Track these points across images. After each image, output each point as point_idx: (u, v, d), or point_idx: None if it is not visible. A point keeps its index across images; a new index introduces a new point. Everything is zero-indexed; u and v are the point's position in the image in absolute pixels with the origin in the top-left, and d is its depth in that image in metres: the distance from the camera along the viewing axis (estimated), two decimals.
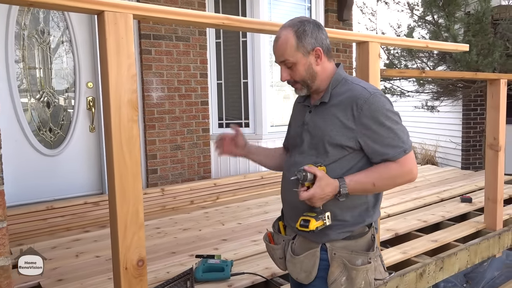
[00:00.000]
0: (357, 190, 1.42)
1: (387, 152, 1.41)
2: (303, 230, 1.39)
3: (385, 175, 1.42)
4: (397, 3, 6.66)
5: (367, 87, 1.46)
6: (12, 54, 3.76)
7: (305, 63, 1.45)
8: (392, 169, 1.42)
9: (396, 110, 1.47)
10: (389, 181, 1.44)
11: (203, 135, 4.74)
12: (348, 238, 1.48)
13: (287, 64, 1.46)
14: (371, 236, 1.53)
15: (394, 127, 1.42)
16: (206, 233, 3.19)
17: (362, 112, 1.40)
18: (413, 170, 1.44)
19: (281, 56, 1.46)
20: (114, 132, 1.40)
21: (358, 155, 1.46)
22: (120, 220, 1.43)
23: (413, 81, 6.96)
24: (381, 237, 3.00)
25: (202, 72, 4.69)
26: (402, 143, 1.42)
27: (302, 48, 1.43)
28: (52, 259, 2.73)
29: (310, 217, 1.41)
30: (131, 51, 1.41)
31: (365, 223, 1.50)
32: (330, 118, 1.45)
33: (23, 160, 3.80)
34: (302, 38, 1.43)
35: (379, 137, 1.41)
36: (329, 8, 5.70)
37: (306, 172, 1.37)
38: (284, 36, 1.44)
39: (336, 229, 1.46)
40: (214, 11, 4.74)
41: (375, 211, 1.54)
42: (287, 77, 1.49)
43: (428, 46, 2.39)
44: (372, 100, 1.41)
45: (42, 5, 1.30)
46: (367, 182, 1.41)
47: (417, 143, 8.56)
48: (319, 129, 1.48)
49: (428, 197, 4.13)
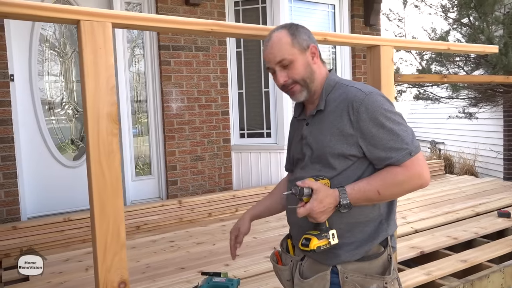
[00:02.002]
0: (360, 200, 1.27)
1: (391, 156, 1.26)
2: (304, 250, 1.27)
3: (390, 180, 1.26)
4: (429, 6, 6.36)
5: (362, 88, 1.33)
6: (35, 68, 3.85)
7: (302, 59, 1.35)
8: (397, 174, 1.26)
9: (397, 110, 1.32)
10: (395, 188, 1.27)
11: (224, 145, 4.67)
12: (362, 260, 1.32)
13: (283, 64, 1.33)
14: (388, 256, 1.36)
15: (395, 128, 1.27)
16: (219, 248, 3.08)
17: (359, 115, 1.27)
18: (422, 174, 1.26)
19: (276, 56, 1.34)
20: (92, 146, 1.32)
21: (363, 163, 1.32)
22: (100, 239, 1.35)
23: (446, 87, 6.61)
24: (405, 255, 2.78)
25: (222, 82, 4.63)
26: (406, 145, 1.26)
27: (298, 44, 1.34)
28: (62, 273, 2.72)
29: (312, 235, 1.28)
30: (110, 62, 1.33)
31: (380, 238, 1.34)
32: (328, 128, 1.33)
33: (45, 172, 3.87)
34: (296, 35, 1.35)
35: (380, 141, 1.26)
36: (355, 14, 5.53)
37: (301, 186, 1.24)
38: (276, 36, 1.35)
39: (348, 249, 1.32)
40: (234, 21, 4.69)
41: (389, 223, 1.38)
42: (285, 78, 1.35)
43: (450, 49, 2.19)
44: (368, 101, 1.27)
45: (16, 16, 1.26)
46: (370, 190, 1.26)
47: (455, 152, 8.11)
48: (318, 141, 1.35)
49: (462, 211, 3.83)
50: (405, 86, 6.88)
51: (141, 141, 4.40)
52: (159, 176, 4.42)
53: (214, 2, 4.53)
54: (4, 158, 3.57)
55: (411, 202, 4.25)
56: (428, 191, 4.75)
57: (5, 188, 3.58)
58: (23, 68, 3.78)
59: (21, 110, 3.76)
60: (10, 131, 3.60)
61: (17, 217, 3.63)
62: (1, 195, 3.57)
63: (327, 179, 1.32)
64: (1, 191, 3.56)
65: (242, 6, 4.74)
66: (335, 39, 1.79)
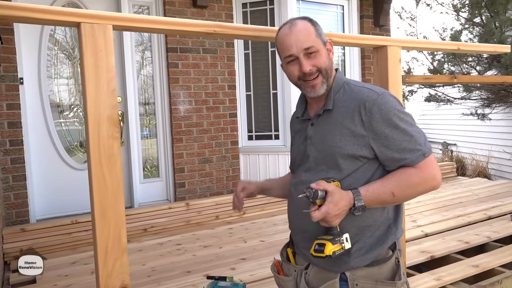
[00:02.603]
0: (374, 202, 1.23)
1: (405, 157, 1.23)
2: (319, 256, 1.21)
3: (405, 182, 1.23)
4: (440, 4, 6.27)
5: (373, 88, 1.31)
6: (44, 71, 3.88)
7: (324, 52, 1.32)
8: (412, 175, 1.23)
9: (407, 111, 1.29)
10: (410, 190, 1.24)
11: (232, 147, 4.65)
12: (371, 265, 1.28)
13: (310, 51, 1.28)
14: (396, 260, 1.32)
15: (409, 129, 1.25)
16: (226, 251, 3.06)
17: (371, 115, 1.24)
18: (436, 176, 1.24)
19: (304, 43, 1.28)
20: (93, 150, 1.31)
21: (373, 164, 1.29)
22: (100, 244, 1.33)
23: (459, 87, 6.50)
24: (414, 260, 2.72)
25: (230, 84, 4.61)
26: (420, 146, 1.24)
27: (320, 36, 1.32)
28: (68, 275, 2.72)
29: (326, 240, 1.22)
30: (111, 64, 1.32)
31: (389, 242, 1.31)
32: (338, 128, 1.29)
33: (54, 174, 3.89)
34: (317, 27, 1.33)
35: (394, 142, 1.24)
36: (364, 14, 5.48)
37: (316, 189, 1.19)
38: (302, 24, 1.31)
39: (357, 254, 1.28)
40: (242, 22, 4.68)
41: (397, 227, 1.35)
42: (310, 67, 1.29)
43: (459, 49, 2.14)
44: (381, 102, 1.25)
45: (16, 19, 1.25)
46: (385, 192, 1.23)
47: (467, 154, 7.98)
48: (327, 141, 1.31)
49: (474, 215, 3.75)
50: (415, 87, 6.80)
51: (149, 144, 4.41)
52: (167, 179, 4.42)
53: (221, 4, 4.52)
54: (13, 161, 3.60)
55: (422, 205, 4.17)
56: (439, 193, 4.67)
57: (15, 190, 3.61)
58: (32, 71, 3.81)
59: (31, 113, 3.79)
60: (20, 133, 3.63)
61: (26, 219, 3.65)
62: (11, 197, 3.60)
63: (337, 181, 1.27)
64: (10, 193, 3.59)
65: (250, 7, 4.73)
66: (340, 39, 1.76)
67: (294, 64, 1.32)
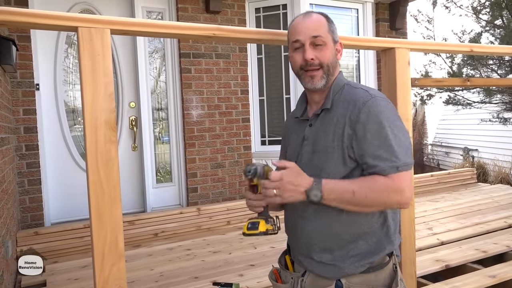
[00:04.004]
0: (332, 193, 1.17)
1: (377, 164, 1.19)
2: (252, 234, 1.26)
3: (369, 185, 1.18)
4: (459, 7, 6.13)
5: (369, 90, 1.28)
6: (60, 76, 3.95)
7: (332, 48, 1.32)
8: (378, 181, 1.18)
9: (400, 123, 1.24)
10: (372, 194, 1.18)
11: (245, 152, 4.63)
12: (367, 271, 1.25)
13: (317, 41, 1.28)
14: (393, 266, 1.29)
15: (391, 138, 1.20)
16: (235, 257, 3.03)
17: (359, 115, 1.21)
18: (404, 191, 1.17)
19: (313, 31, 1.28)
20: (90, 154, 1.31)
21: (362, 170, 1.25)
22: (97, 249, 1.32)
23: (478, 91, 6.32)
24: (428, 269, 2.64)
25: (243, 89, 4.60)
26: (395, 158, 1.18)
27: (332, 34, 1.32)
28: (78, 279, 2.74)
29: (259, 219, 1.28)
30: (109, 69, 1.32)
31: (386, 251, 1.27)
32: (333, 128, 1.26)
33: (69, 179, 3.94)
34: (332, 25, 1.34)
35: (370, 146, 1.19)
36: (380, 17, 5.41)
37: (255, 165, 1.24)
38: (317, 16, 1.32)
39: (352, 261, 1.25)
40: (255, 27, 4.67)
41: (396, 236, 1.31)
42: (313, 56, 1.28)
43: (472, 50, 2.07)
44: (371, 104, 1.21)
45: (15, 24, 1.26)
46: (345, 188, 1.18)
47: (489, 160, 7.74)
48: (320, 141, 1.28)
49: (493, 222, 3.62)
50: (434, 91, 6.64)
51: (162, 149, 4.43)
52: (179, 183, 4.43)
53: (234, 9, 4.53)
54: (29, 165, 3.67)
55: (439, 212, 4.06)
56: (457, 200, 4.54)
57: (30, 194, 3.67)
58: (48, 77, 3.89)
59: (46, 118, 3.86)
60: (35, 138, 3.70)
61: (41, 223, 3.71)
62: (26, 201, 3.66)
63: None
64: (26, 197, 3.66)
65: (263, 12, 4.72)
66: (346, 42, 1.71)
67: (299, 52, 1.31)
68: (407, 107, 1.86)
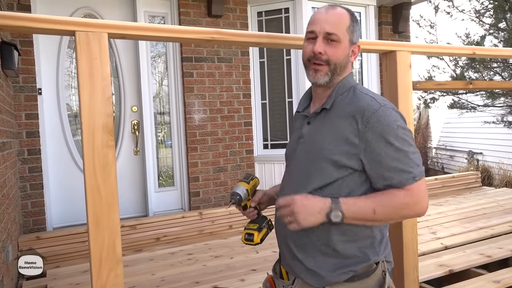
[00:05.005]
0: (353, 213, 1.15)
1: (392, 177, 1.17)
2: (250, 244, 1.39)
3: (389, 202, 1.16)
4: (461, 12, 6.11)
5: (376, 98, 1.24)
6: (62, 81, 3.96)
7: (346, 49, 1.27)
8: (398, 196, 1.16)
9: (409, 130, 1.21)
10: (393, 211, 1.17)
11: (247, 156, 4.62)
12: (351, 280, 1.22)
13: (331, 38, 1.23)
14: (382, 273, 1.25)
15: (404, 148, 1.18)
16: (236, 262, 3.01)
17: (368, 125, 1.17)
18: (422, 201, 1.17)
19: (332, 28, 1.23)
20: (87, 158, 1.30)
21: (360, 176, 1.22)
22: (94, 254, 1.31)
23: (482, 94, 6.28)
24: (431, 274, 2.61)
25: (245, 93, 4.60)
26: (412, 168, 1.17)
27: (351, 34, 1.27)
28: (79, 284, 2.73)
29: (253, 230, 1.39)
30: (106, 72, 1.31)
31: (370, 261, 1.24)
32: (331, 130, 1.24)
33: (71, 183, 3.94)
34: (355, 26, 1.29)
35: (385, 158, 1.17)
36: (383, 21, 5.40)
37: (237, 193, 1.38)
38: (341, 11, 1.27)
39: (331, 269, 1.22)
40: (257, 31, 4.67)
41: (381, 247, 1.27)
42: (322, 50, 1.24)
43: (475, 53, 2.05)
44: (381, 113, 1.18)
45: (11, 28, 1.26)
46: (367, 207, 1.16)
47: (494, 163, 7.68)
48: (316, 142, 1.26)
49: (498, 227, 3.58)
50: (437, 94, 6.61)
51: (164, 153, 4.43)
52: (181, 188, 4.42)
53: (236, 13, 4.53)
54: (31, 169, 3.67)
55: (443, 216, 4.02)
56: (462, 204, 4.50)
57: (32, 199, 3.68)
58: (50, 81, 3.90)
59: (48, 122, 3.87)
60: (37, 143, 3.70)
61: (43, 227, 3.71)
62: (28, 206, 3.66)
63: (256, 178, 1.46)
64: (28, 201, 3.66)
65: (265, 16, 4.72)
66: None
67: (311, 43, 1.28)
68: (409, 111, 1.84)
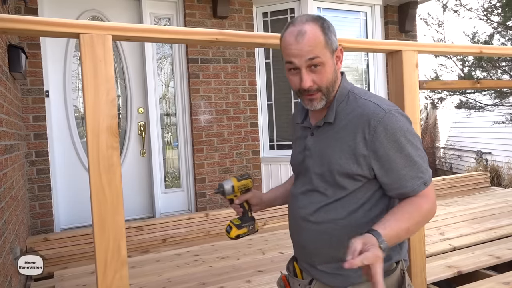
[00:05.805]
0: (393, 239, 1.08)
1: (405, 185, 1.16)
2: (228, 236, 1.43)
3: (417, 213, 1.13)
4: (468, 10, 6.06)
5: (380, 103, 1.19)
6: (70, 83, 3.99)
7: (331, 64, 1.19)
8: (421, 204, 1.15)
9: (415, 133, 1.20)
10: (422, 220, 1.16)
11: (253, 157, 4.61)
12: None
13: (314, 63, 1.15)
14: (401, 272, 1.26)
15: (413, 153, 1.16)
16: (243, 263, 3.00)
17: (376, 135, 1.14)
18: (435, 201, 1.19)
19: (310, 53, 1.14)
20: (92, 160, 1.30)
21: (374, 184, 1.21)
22: (99, 256, 1.31)
23: (490, 93, 6.22)
24: (439, 276, 2.58)
25: (251, 94, 4.59)
26: (422, 173, 1.16)
27: (329, 46, 1.18)
28: (86, 285, 2.73)
29: (234, 225, 1.42)
30: (110, 74, 1.31)
31: (392, 261, 1.24)
32: (338, 144, 1.20)
33: (78, 185, 3.97)
34: (329, 34, 1.18)
35: (395, 166, 1.15)
36: (389, 20, 5.37)
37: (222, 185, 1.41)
38: (312, 30, 1.15)
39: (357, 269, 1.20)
40: (263, 32, 4.66)
41: (402, 246, 1.29)
42: (311, 83, 1.17)
43: (482, 52, 2.02)
44: (387, 120, 1.15)
45: (16, 31, 1.27)
46: (401, 228, 1.10)
47: (503, 163, 7.60)
48: (326, 156, 1.23)
49: (507, 227, 3.53)
50: (445, 93, 6.56)
51: (170, 154, 4.44)
52: (188, 189, 4.43)
53: (242, 14, 4.53)
54: (39, 171, 3.70)
55: (451, 217, 3.98)
56: (470, 205, 4.45)
57: (40, 200, 3.70)
58: (58, 84, 3.93)
59: (56, 124, 3.89)
60: (45, 145, 3.73)
61: (50, 229, 3.74)
62: (36, 207, 3.69)
63: (250, 178, 1.45)
64: (36, 203, 3.69)
65: (271, 17, 4.71)
66: (349, 45, 1.69)
67: (295, 74, 1.20)
68: (415, 111, 1.82)
